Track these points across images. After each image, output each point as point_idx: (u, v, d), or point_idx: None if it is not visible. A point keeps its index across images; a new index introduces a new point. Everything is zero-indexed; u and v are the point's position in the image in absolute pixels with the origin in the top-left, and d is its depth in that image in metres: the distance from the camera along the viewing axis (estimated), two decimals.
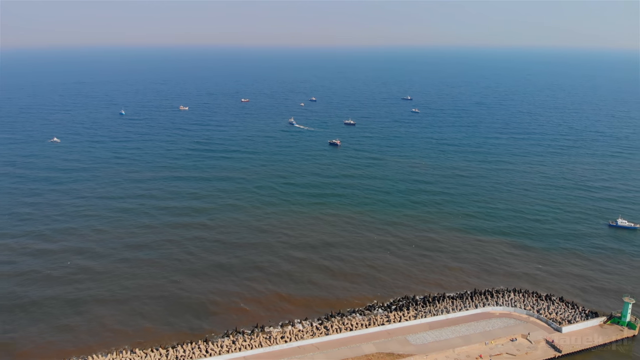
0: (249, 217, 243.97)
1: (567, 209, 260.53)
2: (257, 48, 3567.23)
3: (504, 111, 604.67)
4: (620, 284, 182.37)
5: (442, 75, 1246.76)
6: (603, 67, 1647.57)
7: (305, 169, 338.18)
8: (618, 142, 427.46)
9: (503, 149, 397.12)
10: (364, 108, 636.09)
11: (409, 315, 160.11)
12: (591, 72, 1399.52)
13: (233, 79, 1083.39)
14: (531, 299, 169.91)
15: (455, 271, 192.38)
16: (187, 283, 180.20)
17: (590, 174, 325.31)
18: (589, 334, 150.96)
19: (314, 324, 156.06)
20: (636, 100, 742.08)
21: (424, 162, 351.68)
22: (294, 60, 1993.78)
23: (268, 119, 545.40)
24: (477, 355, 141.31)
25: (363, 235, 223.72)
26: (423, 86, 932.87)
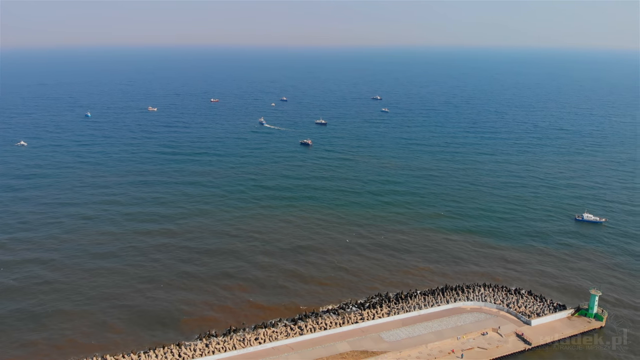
0: (218, 222, 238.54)
1: (533, 205, 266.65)
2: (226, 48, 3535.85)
3: (472, 110, 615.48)
4: (587, 277, 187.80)
5: (410, 74, 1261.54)
6: (568, 66, 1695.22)
7: (276, 170, 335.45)
8: (582, 139, 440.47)
9: (471, 147, 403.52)
10: (335, 108, 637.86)
11: (382, 313, 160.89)
12: (557, 71, 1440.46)
13: (201, 79, 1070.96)
14: (501, 293, 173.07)
15: (426, 268, 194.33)
16: (154, 292, 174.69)
17: (556, 171, 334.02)
18: (558, 326, 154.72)
19: (288, 325, 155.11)
20: (598, 98, 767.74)
21: (392, 162, 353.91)
22: (263, 60, 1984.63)
23: (238, 119, 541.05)
24: (449, 350, 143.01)
25: (334, 237, 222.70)
26: (392, 86, 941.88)
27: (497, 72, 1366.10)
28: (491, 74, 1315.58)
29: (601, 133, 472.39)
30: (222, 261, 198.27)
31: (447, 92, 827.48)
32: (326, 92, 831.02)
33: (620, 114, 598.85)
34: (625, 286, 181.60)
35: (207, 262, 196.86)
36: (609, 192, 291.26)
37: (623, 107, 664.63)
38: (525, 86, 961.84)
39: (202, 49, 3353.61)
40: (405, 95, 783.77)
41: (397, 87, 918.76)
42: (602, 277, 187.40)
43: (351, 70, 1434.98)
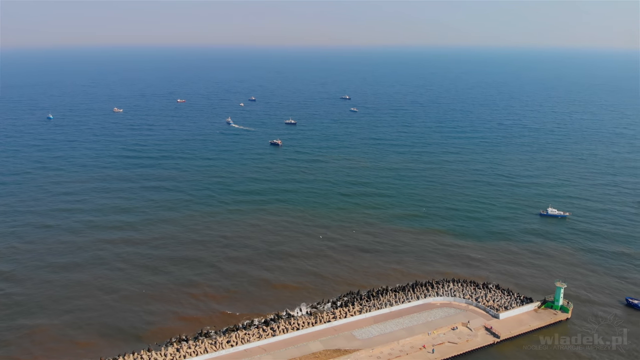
0: (184, 227, 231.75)
1: (499, 202, 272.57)
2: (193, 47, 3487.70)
3: (438, 109, 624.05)
4: (553, 270, 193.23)
5: (377, 74, 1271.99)
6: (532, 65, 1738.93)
7: (244, 171, 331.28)
8: (545, 137, 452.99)
9: (437, 147, 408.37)
10: (304, 107, 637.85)
11: (354, 311, 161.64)
12: (520, 70, 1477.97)
13: (168, 79, 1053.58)
14: (469, 288, 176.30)
15: (397, 266, 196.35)
16: (120, 302, 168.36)
17: (520, 168, 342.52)
18: (525, 318, 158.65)
19: (260, 326, 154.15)
20: (558, 95, 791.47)
21: (361, 162, 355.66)
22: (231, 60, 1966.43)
23: (205, 120, 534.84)
24: (420, 345, 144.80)
25: (304, 239, 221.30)
26: (360, 86, 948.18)
27: (463, 72, 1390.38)
28: (457, 73, 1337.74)
29: (563, 130, 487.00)
30: (188, 268, 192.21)
31: (413, 92, 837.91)
32: (295, 92, 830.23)
33: (580, 111, 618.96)
34: (588, 279, 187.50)
35: (173, 271, 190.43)
36: (571, 187, 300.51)
37: (583, 104, 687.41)
38: (489, 85, 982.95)
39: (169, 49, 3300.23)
40: (373, 95, 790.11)
41: (365, 87, 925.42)
42: (567, 270, 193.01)
43: (319, 70, 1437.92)
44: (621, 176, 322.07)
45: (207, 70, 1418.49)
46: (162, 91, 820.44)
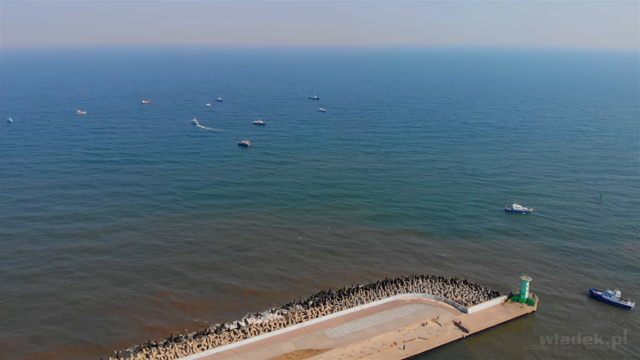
0: (148, 233, 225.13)
1: (465, 199, 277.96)
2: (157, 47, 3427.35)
3: (404, 109, 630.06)
4: (518, 264, 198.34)
5: (344, 75, 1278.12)
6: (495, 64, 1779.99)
7: (211, 173, 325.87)
8: (508, 134, 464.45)
9: (405, 146, 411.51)
10: (272, 108, 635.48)
11: (325, 310, 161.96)
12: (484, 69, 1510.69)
13: (131, 80, 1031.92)
14: (438, 283, 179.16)
15: (366, 267, 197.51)
16: (83, 315, 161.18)
17: (485, 166, 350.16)
18: (493, 312, 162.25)
19: (231, 329, 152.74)
20: (522, 94, 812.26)
21: (330, 163, 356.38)
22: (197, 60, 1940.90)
23: (170, 121, 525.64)
24: (391, 342, 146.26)
25: (273, 241, 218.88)
26: (328, 86, 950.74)
27: (429, 71, 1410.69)
28: (423, 73, 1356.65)
29: (526, 128, 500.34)
30: (153, 277, 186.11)
31: (380, 92, 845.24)
32: (263, 92, 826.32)
33: (543, 109, 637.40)
34: (552, 272, 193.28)
35: (137, 279, 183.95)
36: (535, 184, 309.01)
37: (545, 102, 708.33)
38: (454, 84, 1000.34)
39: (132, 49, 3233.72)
40: (341, 95, 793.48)
41: (333, 87, 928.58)
42: (532, 264, 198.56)
43: (287, 70, 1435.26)
44: (582, 172, 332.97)
45: (174, 70, 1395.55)
46: (125, 92, 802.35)
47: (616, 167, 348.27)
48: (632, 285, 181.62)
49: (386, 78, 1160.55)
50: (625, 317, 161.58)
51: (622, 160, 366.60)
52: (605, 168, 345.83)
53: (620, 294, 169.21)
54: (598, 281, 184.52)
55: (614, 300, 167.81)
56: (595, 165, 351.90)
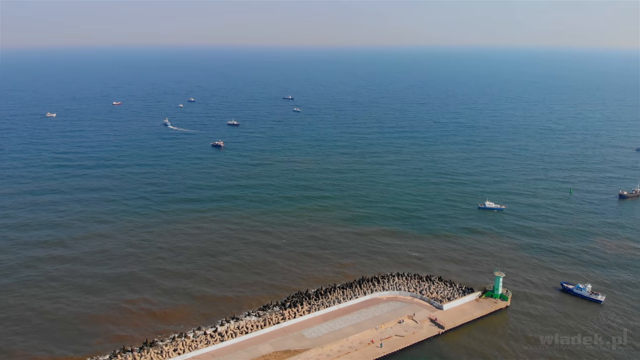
0: (119, 240, 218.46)
1: (439, 197, 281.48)
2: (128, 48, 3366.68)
3: (378, 109, 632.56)
4: (491, 260, 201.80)
5: (318, 75, 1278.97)
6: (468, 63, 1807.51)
7: (183, 176, 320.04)
8: (479, 133, 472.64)
9: (379, 146, 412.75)
10: (246, 108, 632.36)
11: (303, 310, 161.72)
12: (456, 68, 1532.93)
13: (102, 81, 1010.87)
14: (414, 281, 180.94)
15: (342, 264, 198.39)
16: (51, 328, 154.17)
17: (457, 164, 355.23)
18: (467, 308, 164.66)
19: (208, 332, 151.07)
20: (493, 92, 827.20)
21: (305, 163, 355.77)
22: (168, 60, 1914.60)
23: (142, 123, 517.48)
24: (369, 340, 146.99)
25: (248, 243, 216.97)
26: (302, 86, 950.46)
27: (400, 72, 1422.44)
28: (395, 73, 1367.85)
29: (497, 126, 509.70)
30: (124, 285, 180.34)
31: (354, 92, 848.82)
32: (236, 93, 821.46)
33: (513, 108, 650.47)
34: (525, 267, 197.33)
35: (108, 288, 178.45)
36: (506, 181, 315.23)
37: (515, 101, 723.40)
38: (426, 84, 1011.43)
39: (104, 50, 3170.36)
40: (315, 95, 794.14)
41: (308, 87, 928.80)
42: (505, 260, 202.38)
43: (261, 70, 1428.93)
44: (552, 170, 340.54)
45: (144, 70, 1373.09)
46: (96, 94, 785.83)
47: (585, 164, 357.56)
48: (602, 280, 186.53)
49: (360, 78, 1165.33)
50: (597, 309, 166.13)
51: (591, 158, 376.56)
52: (574, 165, 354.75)
53: (590, 288, 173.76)
54: (569, 276, 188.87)
55: (585, 294, 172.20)
56: (565, 163, 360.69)
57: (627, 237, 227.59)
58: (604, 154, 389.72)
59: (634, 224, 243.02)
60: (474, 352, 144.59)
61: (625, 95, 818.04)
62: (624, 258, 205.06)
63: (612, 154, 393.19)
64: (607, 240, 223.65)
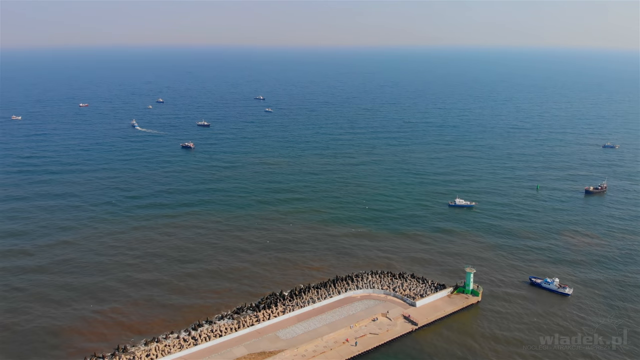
0: (85, 248, 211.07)
1: (410, 196, 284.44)
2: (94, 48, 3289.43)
3: (349, 110, 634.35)
4: (462, 256, 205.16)
5: (290, 75, 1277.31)
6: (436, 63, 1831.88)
7: (152, 179, 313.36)
8: (448, 131, 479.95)
9: (350, 147, 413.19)
10: (217, 109, 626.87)
11: (277, 312, 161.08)
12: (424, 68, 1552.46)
13: (68, 83, 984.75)
14: (387, 279, 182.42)
15: (316, 265, 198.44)
16: (15, 339, 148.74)
17: (427, 163, 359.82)
18: (440, 304, 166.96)
19: (181, 336, 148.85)
20: (460, 92, 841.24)
21: (277, 163, 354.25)
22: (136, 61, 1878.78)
23: (109, 125, 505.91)
24: (343, 340, 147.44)
25: (219, 247, 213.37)
26: (273, 86, 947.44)
27: (373, 71, 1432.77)
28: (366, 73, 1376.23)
29: (465, 125, 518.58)
30: (91, 296, 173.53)
31: (326, 92, 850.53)
32: (206, 93, 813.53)
33: (480, 106, 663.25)
34: (495, 263, 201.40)
35: (74, 299, 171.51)
36: (475, 178, 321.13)
37: (482, 99, 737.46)
38: (396, 84, 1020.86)
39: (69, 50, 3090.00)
40: (287, 96, 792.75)
41: (279, 88, 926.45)
42: (475, 256, 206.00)
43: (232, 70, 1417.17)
44: (519, 169, 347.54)
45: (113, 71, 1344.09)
46: (62, 95, 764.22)
47: (552, 162, 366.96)
48: (569, 274, 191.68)
49: (331, 78, 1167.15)
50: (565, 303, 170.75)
51: (558, 155, 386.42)
52: (541, 163, 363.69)
53: (558, 282, 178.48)
54: (537, 270, 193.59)
55: (553, 288, 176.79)
56: (532, 161, 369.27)
57: (592, 232, 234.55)
58: (570, 152, 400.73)
59: (599, 220, 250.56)
60: (447, 348, 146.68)
61: (589, 94, 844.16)
62: (589, 252, 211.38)
63: (578, 151, 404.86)
64: (574, 235, 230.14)
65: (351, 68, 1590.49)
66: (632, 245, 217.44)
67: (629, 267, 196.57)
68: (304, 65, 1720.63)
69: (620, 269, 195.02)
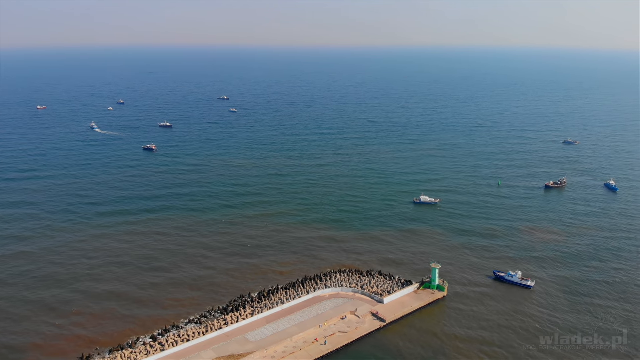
0: (41, 259, 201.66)
1: (376, 195, 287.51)
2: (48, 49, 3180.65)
3: (315, 110, 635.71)
4: (428, 252, 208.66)
5: (255, 74, 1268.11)
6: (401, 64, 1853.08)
7: (113, 183, 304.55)
8: (412, 131, 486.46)
9: (316, 147, 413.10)
10: (180, 109, 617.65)
11: (245, 314, 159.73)
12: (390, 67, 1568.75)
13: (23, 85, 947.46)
14: (355, 277, 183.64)
15: (284, 265, 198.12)
16: None
17: (392, 162, 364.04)
18: (407, 300, 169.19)
19: (148, 343, 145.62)
20: (422, 92, 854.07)
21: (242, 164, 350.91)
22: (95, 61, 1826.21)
23: (68, 127, 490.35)
24: (313, 339, 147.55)
25: (183, 253, 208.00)
26: (237, 86, 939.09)
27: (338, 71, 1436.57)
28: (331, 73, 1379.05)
29: (428, 124, 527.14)
30: (48, 310, 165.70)
31: (291, 92, 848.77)
32: (169, 94, 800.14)
33: (442, 105, 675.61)
34: (459, 258, 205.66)
35: (29, 315, 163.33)
36: (439, 176, 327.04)
37: (444, 99, 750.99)
38: (361, 84, 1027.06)
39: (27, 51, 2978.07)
40: (252, 95, 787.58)
41: (243, 87, 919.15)
42: (441, 251, 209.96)
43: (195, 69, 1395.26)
44: (481, 166, 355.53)
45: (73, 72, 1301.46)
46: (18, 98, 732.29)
47: (512, 158, 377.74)
48: (531, 266, 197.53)
49: (297, 78, 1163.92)
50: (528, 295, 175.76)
51: (518, 153, 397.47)
52: (503, 159, 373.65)
53: (521, 275, 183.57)
54: (501, 264, 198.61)
55: (516, 281, 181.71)
56: (494, 158, 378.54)
57: (552, 225, 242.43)
58: (531, 148, 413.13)
59: (559, 214, 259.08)
60: (415, 343, 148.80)
61: (545, 91, 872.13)
62: (550, 245, 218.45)
63: (539, 147, 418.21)
64: (535, 228, 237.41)
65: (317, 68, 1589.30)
66: (590, 239, 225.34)
67: (587, 262, 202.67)
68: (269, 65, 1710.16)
69: (579, 263, 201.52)
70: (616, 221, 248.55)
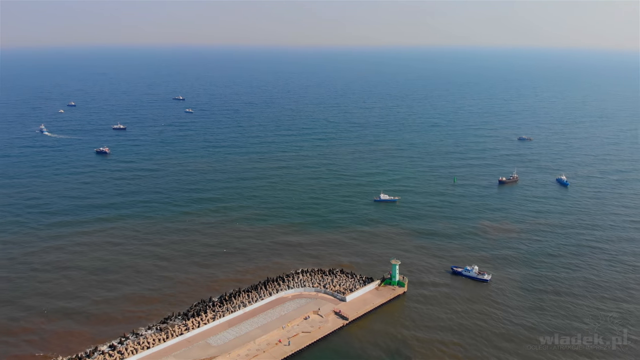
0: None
1: (336, 194, 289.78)
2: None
3: (273, 109, 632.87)
4: (388, 249, 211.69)
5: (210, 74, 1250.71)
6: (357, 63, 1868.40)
7: (64, 188, 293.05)
8: (370, 131, 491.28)
9: (275, 148, 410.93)
10: (133, 111, 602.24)
11: (207, 319, 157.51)
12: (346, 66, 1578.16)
13: None
14: (317, 276, 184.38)
15: (246, 267, 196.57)
16: None
17: (351, 161, 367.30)
18: (369, 297, 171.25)
19: (106, 352, 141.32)
20: (379, 92, 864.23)
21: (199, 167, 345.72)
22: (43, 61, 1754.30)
23: (14, 131, 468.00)
24: (276, 341, 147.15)
25: (138, 259, 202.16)
26: (193, 86, 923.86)
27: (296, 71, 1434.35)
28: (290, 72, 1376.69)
29: (385, 123, 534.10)
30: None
31: (249, 92, 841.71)
32: (121, 94, 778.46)
33: (397, 105, 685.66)
34: (419, 254, 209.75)
35: None
36: (398, 174, 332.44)
37: (399, 99, 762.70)
38: (319, 85, 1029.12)
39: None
40: (208, 96, 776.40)
41: (199, 87, 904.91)
42: (400, 248, 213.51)
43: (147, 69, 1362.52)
44: (438, 164, 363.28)
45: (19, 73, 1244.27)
46: None
47: (467, 155, 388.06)
48: (487, 261, 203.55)
49: (255, 78, 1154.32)
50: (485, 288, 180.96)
51: (473, 151, 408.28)
52: (458, 157, 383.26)
53: (477, 269, 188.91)
54: (458, 259, 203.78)
55: (473, 275, 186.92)
56: (449, 156, 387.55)
57: (506, 220, 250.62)
58: (485, 146, 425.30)
59: (512, 208, 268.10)
60: (377, 339, 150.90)
61: (497, 91, 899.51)
62: (504, 239, 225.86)
63: (493, 144, 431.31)
64: (489, 223, 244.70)
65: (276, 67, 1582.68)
66: (542, 233, 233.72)
67: (540, 256, 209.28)
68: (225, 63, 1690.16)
69: (532, 257, 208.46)
70: (567, 216, 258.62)
